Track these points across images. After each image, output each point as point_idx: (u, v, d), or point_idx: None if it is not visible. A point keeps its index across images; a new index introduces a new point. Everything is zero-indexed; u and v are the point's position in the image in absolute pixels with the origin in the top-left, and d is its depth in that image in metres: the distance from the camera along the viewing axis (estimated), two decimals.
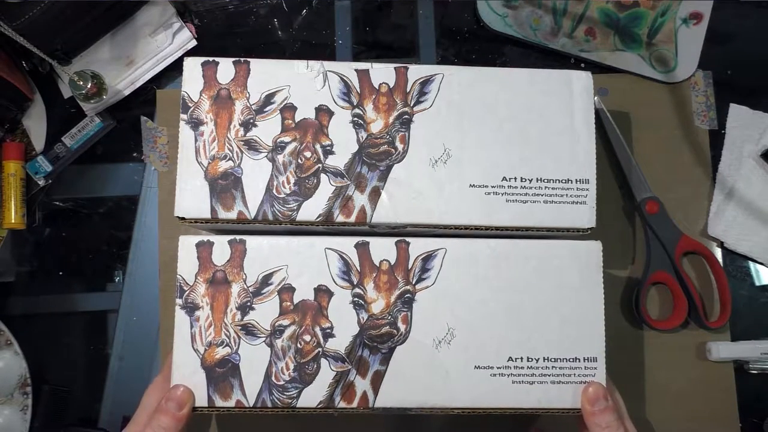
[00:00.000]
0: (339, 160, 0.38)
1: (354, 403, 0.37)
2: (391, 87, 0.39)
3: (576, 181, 0.39)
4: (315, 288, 0.38)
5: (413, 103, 0.39)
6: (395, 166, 0.38)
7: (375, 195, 0.38)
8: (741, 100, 0.52)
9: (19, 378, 0.49)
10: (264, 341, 0.37)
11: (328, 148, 0.38)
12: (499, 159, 0.39)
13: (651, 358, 0.49)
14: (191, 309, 0.37)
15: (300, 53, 0.54)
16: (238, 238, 0.38)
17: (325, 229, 0.39)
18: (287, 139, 0.39)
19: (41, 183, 0.51)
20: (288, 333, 0.37)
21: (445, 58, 0.54)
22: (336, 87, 0.39)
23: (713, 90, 0.53)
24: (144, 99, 0.53)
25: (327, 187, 0.38)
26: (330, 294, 0.38)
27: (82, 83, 0.48)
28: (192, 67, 0.39)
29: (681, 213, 0.51)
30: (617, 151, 0.50)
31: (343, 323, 0.37)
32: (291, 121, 0.39)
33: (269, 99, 0.39)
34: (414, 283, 0.38)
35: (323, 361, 0.37)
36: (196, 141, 0.38)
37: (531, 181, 0.39)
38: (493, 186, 0.39)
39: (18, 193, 0.50)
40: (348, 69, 0.40)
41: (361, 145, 0.39)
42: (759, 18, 0.55)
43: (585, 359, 0.38)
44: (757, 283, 0.51)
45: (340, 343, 0.37)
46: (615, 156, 0.51)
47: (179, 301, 0.37)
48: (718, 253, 0.51)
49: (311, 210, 0.38)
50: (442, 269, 0.38)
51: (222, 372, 0.37)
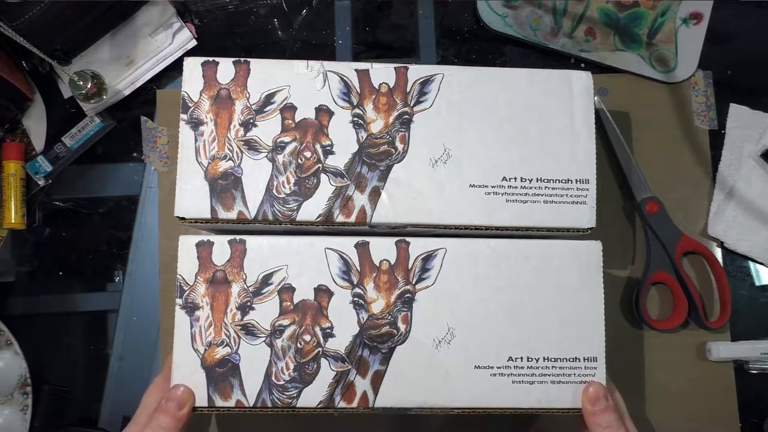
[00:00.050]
0: (339, 160, 0.38)
1: (354, 403, 0.37)
2: (391, 87, 0.39)
3: (576, 181, 0.39)
4: (315, 288, 0.38)
5: (413, 103, 0.39)
6: (395, 166, 0.38)
7: (375, 195, 0.38)
8: (741, 100, 0.52)
9: (19, 378, 0.49)
10: (264, 341, 0.37)
11: (328, 148, 0.38)
12: (499, 159, 0.39)
13: (651, 358, 0.49)
14: (191, 309, 0.37)
15: (300, 53, 0.54)
16: (238, 238, 0.38)
17: (325, 229, 0.39)
18: (287, 139, 0.39)
19: (41, 183, 0.51)
20: (288, 333, 0.37)
21: (445, 58, 0.54)
22: (336, 87, 0.39)
23: (713, 90, 0.53)
24: (144, 99, 0.53)
25: (327, 187, 0.38)
26: (330, 294, 0.38)
27: (82, 83, 0.48)
28: (192, 67, 0.39)
29: (681, 213, 0.51)
30: (617, 151, 0.50)
31: (343, 323, 0.37)
32: (291, 121, 0.39)
33: (269, 99, 0.39)
34: (414, 283, 0.38)
35: (323, 361, 0.37)
36: (196, 141, 0.38)
37: (531, 181, 0.39)
38: (493, 186, 0.38)
39: (18, 193, 0.50)
40: (348, 69, 0.39)
41: (361, 145, 0.39)
42: (759, 18, 0.55)
43: (585, 359, 0.38)
44: (757, 283, 0.51)
45: (340, 343, 0.37)
46: (615, 156, 0.51)
47: (179, 301, 0.37)
48: (718, 253, 0.51)
49: (311, 210, 0.38)
50: (442, 269, 0.38)
51: (222, 372, 0.37)
